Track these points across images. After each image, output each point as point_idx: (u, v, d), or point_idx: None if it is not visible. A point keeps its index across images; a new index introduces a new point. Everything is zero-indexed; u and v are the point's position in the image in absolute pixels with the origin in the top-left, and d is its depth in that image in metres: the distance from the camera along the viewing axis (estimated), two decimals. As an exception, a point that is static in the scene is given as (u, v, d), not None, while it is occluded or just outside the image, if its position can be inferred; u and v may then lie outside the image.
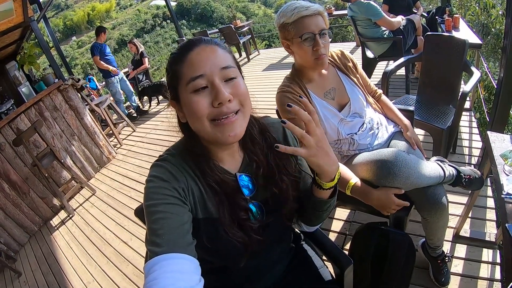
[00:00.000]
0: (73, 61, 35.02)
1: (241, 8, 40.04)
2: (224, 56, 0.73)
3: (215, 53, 0.72)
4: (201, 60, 0.70)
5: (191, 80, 0.69)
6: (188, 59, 0.71)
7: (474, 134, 2.62)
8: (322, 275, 1.01)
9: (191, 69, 0.70)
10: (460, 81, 2.19)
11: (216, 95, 0.69)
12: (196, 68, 0.70)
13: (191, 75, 0.70)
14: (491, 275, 1.52)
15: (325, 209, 0.87)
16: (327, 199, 0.84)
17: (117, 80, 5.23)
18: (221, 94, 0.68)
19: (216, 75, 0.70)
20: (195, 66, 0.70)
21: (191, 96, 0.70)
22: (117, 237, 2.69)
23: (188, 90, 0.70)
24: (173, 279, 0.60)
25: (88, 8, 43.83)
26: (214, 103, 0.69)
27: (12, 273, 2.75)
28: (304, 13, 1.22)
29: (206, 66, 0.70)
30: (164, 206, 0.69)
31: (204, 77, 0.69)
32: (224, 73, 0.71)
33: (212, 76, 0.70)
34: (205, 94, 0.70)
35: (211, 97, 0.70)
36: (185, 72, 0.71)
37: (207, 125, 0.71)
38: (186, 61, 0.71)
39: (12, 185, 3.16)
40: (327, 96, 1.40)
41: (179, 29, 7.37)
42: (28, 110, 3.37)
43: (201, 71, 0.69)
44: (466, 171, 1.35)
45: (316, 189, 0.81)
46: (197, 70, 0.70)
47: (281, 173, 0.85)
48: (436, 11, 3.65)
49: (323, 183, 0.79)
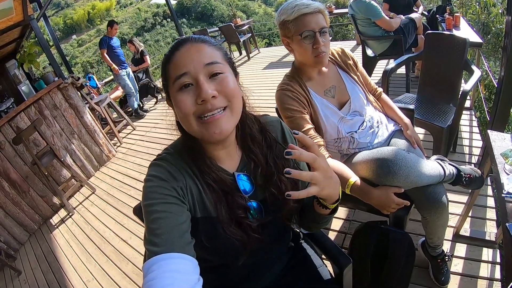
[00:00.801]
0: (73, 60, 34.93)
1: (241, 7, 39.95)
2: (211, 53, 0.73)
3: (200, 50, 0.72)
4: (186, 58, 0.71)
5: (176, 79, 0.70)
6: (175, 59, 0.72)
7: (475, 133, 2.61)
8: (321, 274, 1.01)
9: (176, 68, 0.71)
10: (460, 80, 2.18)
11: (199, 92, 0.69)
12: (180, 66, 0.70)
13: (176, 73, 0.70)
14: (491, 275, 1.51)
15: (325, 221, 0.87)
16: (328, 215, 0.84)
17: (126, 73, 5.21)
18: (203, 91, 0.68)
19: (200, 72, 0.70)
20: (180, 65, 0.71)
21: (177, 94, 0.71)
22: (116, 236, 2.69)
23: (174, 88, 0.71)
24: (172, 279, 0.59)
25: (88, 7, 43.71)
26: (198, 100, 0.69)
27: (12, 271, 2.75)
28: (304, 10, 1.21)
29: (190, 64, 0.70)
30: (162, 205, 0.69)
31: (188, 75, 0.70)
32: (209, 69, 0.71)
33: (196, 73, 0.70)
34: (189, 92, 0.70)
35: (195, 94, 0.70)
36: (172, 72, 0.72)
37: (193, 123, 0.71)
38: (173, 61, 0.72)
39: (12, 183, 3.16)
40: (327, 94, 1.39)
41: (179, 28, 7.36)
42: (28, 108, 3.36)
43: (184, 69, 0.70)
44: (466, 170, 1.35)
45: (319, 207, 0.80)
46: (181, 69, 0.70)
47: (280, 173, 0.85)
48: (437, 9, 3.64)
49: (328, 205, 0.78)
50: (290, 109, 1.31)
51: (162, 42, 38.28)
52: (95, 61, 35.15)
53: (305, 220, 0.92)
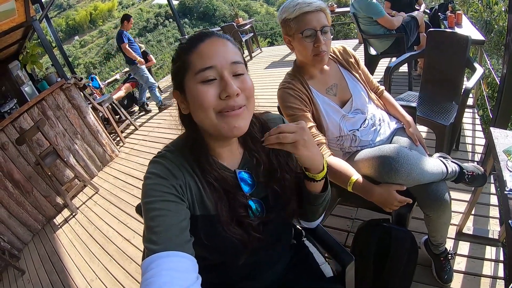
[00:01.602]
0: (76, 61, 35.09)
1: (243, 6, 39.95)
2: (235, 51, 0.74)
3: (226, 46, 0.72)
4: (213, 51, 0.70)
5: (201, 71, 0.69)
6: (199, 50, 0.71)
7: (478, 131, 2.60)
8: (324, 271, 1.01)
9: (201, 60, 0.70)
10: (463, 77, 2.17)
11: (225, 88, 0.69)
12: (206, 59, 0.70)
13: (201, 65, 0.69)
14: (494, 273, 1.51)
15: (320, 203, 0.88)
16: (321, 193, 0.85)
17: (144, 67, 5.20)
18: (230, 87, 0.68)
19: (226, 68, 0.70)
20: (205, 57, 0.70)
21: (199, 86, 0.69)
22: (120, 235, 2.70)
23: (196, 80, 0.70)
24: (170, 277, 0.60)
25: (90, 8, 43.87)
26: (222, 95, 0.69)
27: (15, 271, 2.77)
28: (306, 9, 1.21)
29: (216, 58, 0.70)
30: (161, 203, 0.69)
31: (214, 69, 0.69)
32: (234, 67, 0.71)
33: (222, 69, 0.69)
34: (213, 86, 0.70)
35: (219, 89, 0.69)
36: (195, 62, 0.70)
37: (212, 116, 0.70)
38: (197, 51, 0.71)
39: (15, 184, 3.18)
40: (329, 92, 1.39)
41: (182, 28, 7.39)
42: (31, 109, 3.38)
43: (211, 63, 0.69)
44: (469, 167, 1.34)
45: (309, 183, 0.82)
46: (208, 61, 0.69)
47: (283, 171, 0.85)
48: (439, 7, 3.62)
49: (315, 175, 0.80)
50: (292, 107, 1.31)
51: (164, 43, 38.34)
52: (98, 62, 35.30)
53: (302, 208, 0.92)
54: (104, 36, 38.49)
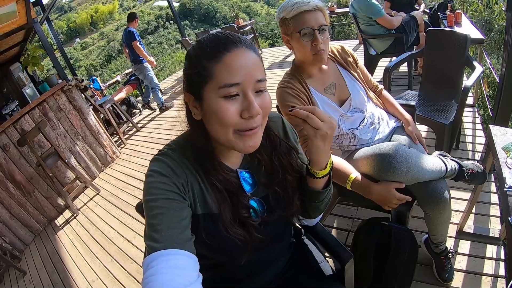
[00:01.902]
0: (77, 63, 35.18)
1: (244, 8, 40.03)
2: (260, 66, 0.71)
3: (252, 61, 0.69)
4: (239, 67, 0.67)
5: (225, 86, 0.66)
6: (225, 61, 0.66)
7: (478, 130, 2.60)
8: (323, 269, 1.01)
9: (227, 74, 0.66)
10: (462, 76, 2.17)
11: (249, 108, 0.67)
12: (232, 74, 0.66)
13: (227, 81, 0.66)
14: (495, 272, 1.50)
15: (321, 200, 0.87)
16: (322, 190, 0.85)
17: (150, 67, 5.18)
18: (253, 107, 0.67)
19: (251, 86, 0.68)
20: (232, 71, 0.66)
21: (220, 101, 0.67)
22: (121, 236, 2.70)
23: (218, 93, 0.67)
24: (172, 274, 0.60)
25: (91, 10, 44.01)
26: (244, 114, 0.67)
27: (17, 272, 2.77)
28: (303, 8, 1.22)
29: (243, 75, 0.67)
30: (163, 201, 0.68)
31: (239, 86, 0.67)
32: (258, 85, 0.69)
33: (246, 87, 0.67)
34: (235, 102, 0.67)
35: (241, 107, 0.67)
36: (220, 75, 0.66)
37: (230, 133, 0.69)
38: (222, 62, 0.66)
39: (17, 185, 3.19)
40: (327, 91, 1.39)
41: (182, 30, 7.41)
42: (32, 110, 3.40)
43: (238, 79, 0.66)
44: (468, 165, 1.34)
45: (310, 179, 0.83)
46: (235, 77, 0.66)
47: (285, 173, 0.85)
48: (438, 7, 3.62)
49: (316, 172, 0.81)
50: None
51: (165, 45, 38.43)
52: (99, 64, 35.38)
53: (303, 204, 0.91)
54: (105, 38, 38.59)
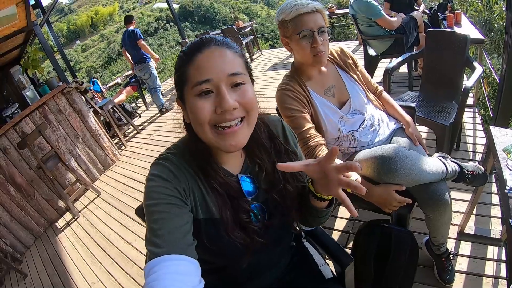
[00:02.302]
0: (77, 65, 35.28)
1: (243, 9, 40.15)
2: (234, 61, 0.71)
3: (224, 57, 0.70)
4: (209, 64, 0.68)
5: (197, 84, 0.67)
6: (196, 62, 0.69)
7: (478, 131, 2.59)
8: (323, 273, 1.01)
9: (198, 73, 0.68)
10: (462, 77, 2.17)
11: (221, 102, 0.67)
12: (203, 72, 0.68)
13: (198, 79, 0.68)
14: (497, 273, 1.50)
15: (323, 215, 0.87)
16: (324, 208, 0.83)
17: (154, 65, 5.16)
18: (226, 102, 0.67)
19: (223, 81, 0.68)
20: (202, 70, 0.68)
21: (195, 99, 0.68)
22: (121, 238, 2.70)
23: (193, 93, 0.69)
24: (173, 280, 0.59)
25: (91, 12, 44.14)
26: (218, 110, 0.68)
27: (18, 274, 2.77)
28: (302, 10, 1.22)
29: (213, 71, 0.68)
30: (164, 206, 0.68)
31: (211, 83, 0.67)
32: (232, 79, 0.69)
33: (218, 82, 0.68)
34: (209, 99, 0.68)
35: (216, 103, 0.68)
36: (192, 75, 0.69)
37: (208, 131, 0.70)
38: (194, 63, 0.69)
39: (17, 187, 3.19)
40: (327, 94, 1.39)
41: (182, 31, 7.41)
42: (33, 113, 3.40)
43: (207, 76, 0.67)
44: (469, 167, 1.34)
45: (315, 200, 0.80)
46: (204, 75, 0.67)
47: (286, 182, 0.85)
48: (438, 7, 3.62)
49: (326, 196, 0.78)
50: (291, 108, 1.31)
51: (165, 46, 38.52)
52: (99, 66, 35.46)
53: (303, 214, 0.91)
54: (106, 40, 38.71)
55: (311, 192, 0.79)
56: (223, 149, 0.72)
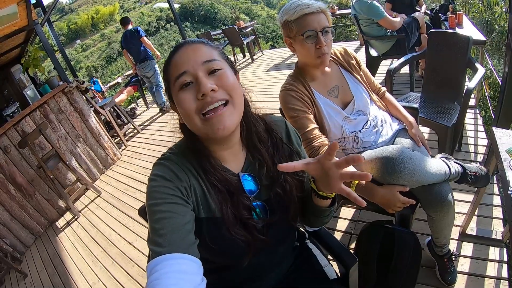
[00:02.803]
0: (78, 65, 35.25)
1: (244, 9, 40.14)
2: (208, 52, 0.75)
3: (197, 50, 0.74)
4: (183, 59, 0.73)
5: (176, 78, 0.72)
6: (173, 61, 0.74)
7: (480, 132, 2.59)
8: (327, 273, 1.01)
9: (175, 69, 0.73)
10: (464, 78, 2.17)
11: (199, 87, 0.70)
12: (179, 66, 0.72)
13: (176, 73, 0.72)
14: (498, 274, 1.49)
15: (326, 215, 0.87)
16: (328, 207, 0.83)
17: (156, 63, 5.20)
18: (203, 85, 0.70)
19: (199, 69, 0.71)
20: (178, 65, 0.73)
21: (179, 94, 0.72)
22: (122, 238, 2.69)
23: (176, 89, 0.73)
24: (175, 279, 0.60)
25: (92, 12, 44.11)
26: (198, 96, 0.70)
27: (18, 274, 2.77)
28: (306, 10, 1.22)
29: (188, 63, 0.72)
30: (166, 205, 0.69)
31: (188, 73, 0.71)
32: (207, 66, 0.73)
33: (195, 71, 0.71)
34: (190, 90, 0.71)
35: (196, 90, 0.71)
36: (172, 73, 0.74)
37: (197, 121, 0.72)
38: (172, 62, 0.74)
39: (17, 187, 3.19)
40: (330, 94, 1.39)
41: (183, 31, 7.39)
42: (33, 112, 3.40)
43: (183, 69, 0.72)
44: (472, 168, 1.34)
45: (317, 199, 0.80)
46: (180, 68, 0.72)
47: (286, 174, 0.85)
48: (440, 8, 3.62)
49: (328, 194, 0.78)
50: (294, 109, 1.31)
51: (165, 46, 38.51)
52: (100, 65, 35.45)
53: (306, 214, 0.91)
54: (106, 40, 38.70)
55: (314, 191, 0.79)
56: (213, 136, 0.73)
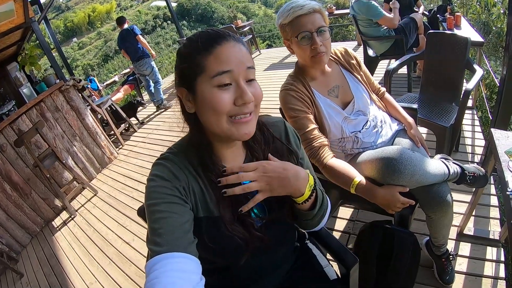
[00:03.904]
0: (74, 63, 34.95)
1: (241, 9, 40.01)
2: (248, 56, 0.74)
3: (241, 51, 0.72)
4: (230, 56, 0.70)
5: (218, 74, 0.69)
6: (216, 53, 0.70)
7: (477, 133, 2.61)
8: (328, 274, 1.01)
9: (218, 63, 0.69)
10: (462, 79, 2.18)
11: (242, 95, 0.70)
12: (224, 63, 0.69)
13: (219, 69, 0.69)
14: (496, 273, 1.51)
15: (311, 218, 0.88)
16: (309, 210, 0.85)
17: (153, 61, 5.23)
18: (246, 94, 0.70)
19: (242, 74, 0.71)
20: (223, 61, 0.69)
21: (215, 90, 0.70)
22: (119, 238, 2.68)
23: (211, 83, 0.70)
24: (174, 278, 0.60)
25: (88, 10, 43.75)
26: (238, 102, 0.70)
27: (14, 274, 2.75)
28: (299, 12, 1.22)
29: (234, 63, 0.70)
30: (164, 205, 0.69)
31: (231, 74, 0.70)
32: (248, 73, 0.73)
33: (238, 74, 0.70)
34: (229, 91, 0.70)
35: (235, 95, 0.70)
36: (211, 65, 0.69)
37: (224, 121, 0.71)
38: (214, 54, 0.70)
39: (13, 186, 3.16)
40: (331, 94, 1.39)
41: (180, 30, 7.38)
42: (30, 111, 3.37)
43: (229, 67, 0.69)
44: (470, 168, 1.35)
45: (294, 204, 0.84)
46: (226, 65, 0.69)
47: None
48: (438, 9, 3.64)
49: (296, 199, 0.82)
50: (294, 109, 1.31)
51: (162, 45, 38.33)
52: (96, 64, 35.23)
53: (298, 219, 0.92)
54: (102, 38, 38.43)
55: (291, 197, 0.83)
56: (235, 138, 0.74)
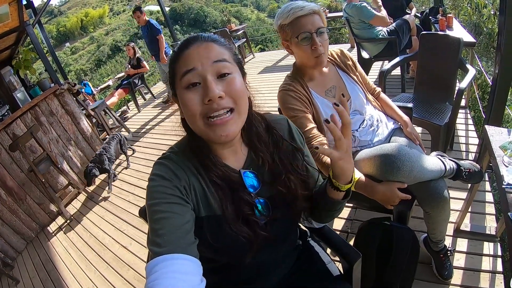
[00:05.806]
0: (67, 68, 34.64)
1: (234, 13, 40.10)
2: (220, 51, 0.73)
3: (209, 48, 0.72)
4: (194, 55, 0.71)
5: (184, 74, 0.70)
6: (183, 55, 0.72)
7: (470, 131, 2.65)
8: (330, 270, 1.01)
9: (184, 64, 0.71)
10: (456, 78, 2.22)
11: (206, 92, 0.69)
12: (188, 62, 0.71)
13: (184, 69, 0.71)
14: (493, 268, 1.53)
15: (338, 208, 0.88)
16: (341, 200, 0.84)
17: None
18: (211, 90, 0.68)
19: (208, 70, 0.70)
20: (188, 61, 0.71)
21: (184, 92, 0.71)
22: (116, 242, 2.66)
23: (182, 85, 0.71)
24: (174, 279, 0.60)
25: (81, 14, 43.48)
26: (205, 100, 0.69)
27: (9, 280, 2.70)
28: (299, 13, 1.24)
29: (198, 60, 0.70)
30: (165, 205, 0.69)
31: (196, 71, 0.70)
32: (217, 67, 0.71)
33: (204, 71, 0.70)
34: (197, 91, 0.70)
35: (203, 93, 0.69)
36: (180, 68, 0.72)
37: (200, 123, 0.71)
38: (181, 58, 0.72)
39: (8, 191, 3.12)
40: (328, 94, 1.41)
41: (174, 34, 7.37)
42: (24, 115, 3.34)
43: (192, 65, 0.70)
44: (465, 164, 1.37)
45: (332, 190, 0.81)
46: (189, 64, 0.70)
47: (288, 172, 0.85)
48: (430, 11, 3.70)
49: (341, 185, 0.79)
50: (293, 108, 1.32)
51: (155, 49, 38.20)
52: (89, 68, 34.98)
53: (317, 210, 0.92)
54: (95, 43, 38.17)
55: (330, 183, 0.80)
56: (214, 140, 0.74)
